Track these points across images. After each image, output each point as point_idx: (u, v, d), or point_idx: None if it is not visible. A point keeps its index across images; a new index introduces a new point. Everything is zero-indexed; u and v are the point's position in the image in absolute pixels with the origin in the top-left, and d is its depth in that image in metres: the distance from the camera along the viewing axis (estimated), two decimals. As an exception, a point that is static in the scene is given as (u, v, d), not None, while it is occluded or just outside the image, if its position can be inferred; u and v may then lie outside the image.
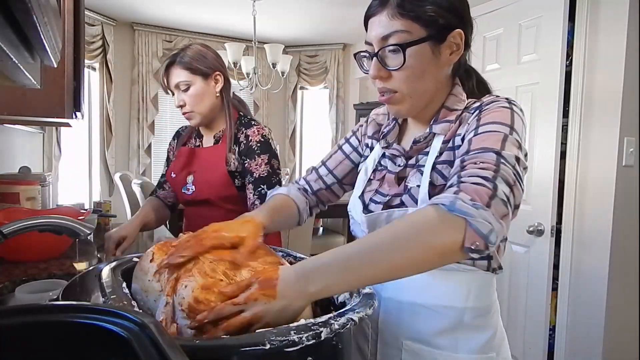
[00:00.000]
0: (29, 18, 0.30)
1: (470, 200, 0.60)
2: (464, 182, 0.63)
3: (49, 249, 1.29)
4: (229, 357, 0.52)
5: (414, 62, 0.75)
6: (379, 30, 0.76)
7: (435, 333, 0.81)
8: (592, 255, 2.08)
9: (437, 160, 0.79)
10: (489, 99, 0.79)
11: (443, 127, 0.80)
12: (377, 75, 0.78)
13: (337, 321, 0.57)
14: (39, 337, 0.49)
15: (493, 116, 0.73)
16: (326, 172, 1.01)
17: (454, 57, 0.79)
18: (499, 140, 0.68)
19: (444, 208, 0.60)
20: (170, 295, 0.63)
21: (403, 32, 0.74)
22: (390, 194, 0.84)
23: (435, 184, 0.78)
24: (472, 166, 0.65)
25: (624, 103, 1.96)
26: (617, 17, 1.97)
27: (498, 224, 0.60)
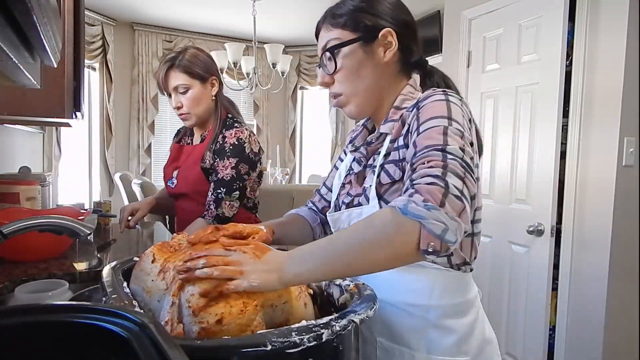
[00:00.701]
0: (29, 18, 0.30)
1: (422, 202, 0.61)
2: (417, 183, 0.64)
3: (49, 249, 1.29)
4: (229, 357, 0.52)
5: (347, 63, 0.83)
6: (320, 43, 0.87)
7: (405, 332, 0.82)
8: (592, 255, 2.08)
9: (385, 160, 0.83)
10: (425, 94, 0.81)
11: (389, 127, 0.84)
12: (322, 81, 0.87)
13: (338, 323, 0.57)
14: (39, 337, 0.49)
15: (430, 112, 0.75)
16: (326, 191, 1.07)
17: (388, 54, 0.84)
18: (440, 134, 0.70)
19: (399, 211, 0.62)
20: (177, 295, 0.63)
21: (334, 40, 0.84)
22: (353, 195, 0.90)
23: (382, 183, 0.81)
24: (421, 167, 0.67)
25: (624, 103, 1.96)
26: (617, 17, 1.97)
27: (453, 222, 0.61)
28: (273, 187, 3.31)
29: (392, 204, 0.64)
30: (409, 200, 0.61)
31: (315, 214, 1.07)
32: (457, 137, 0.70)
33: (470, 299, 0.85)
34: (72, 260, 1.29)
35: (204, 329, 0.59)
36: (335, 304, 0.75)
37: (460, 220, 0.61)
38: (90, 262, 1.31)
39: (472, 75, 2.55)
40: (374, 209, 0.80)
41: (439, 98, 0.77)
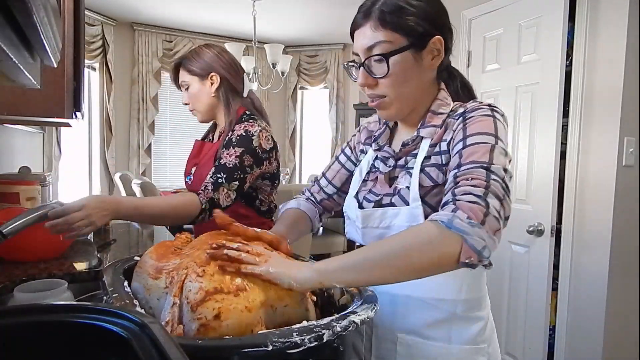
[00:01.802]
0: (29, 18, 0.30)
1: (467, 219, 0.66)
2: (459, 199, 0.69)
3: (49, 249, 1.29)
4: (230, 357, 0.52)
5: (397, 69, 0.81)
6: (364, 42, 0.83)
7: (429, 325, 0.85)
8: (592, 255, 2.08)
9: (424, 163, 0.84)
10: (471, 105, 0.84)
11: (429, 131, 0.86)
12: (365, 83, 0.85)
13: (339, 323, 0.57)
14: (39, 337, 0.49)
15: (478, 126, 0.78)
16: (326, 183, 1.08)
17: (435, 61, 0.84)
18: (486, 152, 0.74)
19: (443, 225, 0.67)
20: (178, 296, 0.63)
21: (386, 42, 0.80)
22: (382, 194, 0.90)
23: (423, 185, 0.83)
24: (465, 182, 0.71)
25: (624, 103, 1.96)
26: (617, 17, 1.97)
27: (491, 240, 0.67)
28: (273, 187, 3.30)
29: (435, 217, 0.68)
30: (454, 215, 0.66)
31: (314, 206, 1.09)
32: (501, 156, 0.74)
33: (485, 292, 0.93)
34: (72, 260, 1.29)
35: (203, 324, 0.59)
36: (336, 304, 0.75)
37: (496, 239, 0.67)
38: (90, 262, 1.31)
39: (472, 75, 2.55)
40: (415, 209, 0.82)
41: (486, 113, 0.80)
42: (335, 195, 1.08)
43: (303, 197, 1.11)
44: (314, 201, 1.10)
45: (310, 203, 1.09)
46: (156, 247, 0.78)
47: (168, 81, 5.03)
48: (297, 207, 1.06)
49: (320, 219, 1.11)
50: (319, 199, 1.09)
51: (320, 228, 4.24)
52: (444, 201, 0.72)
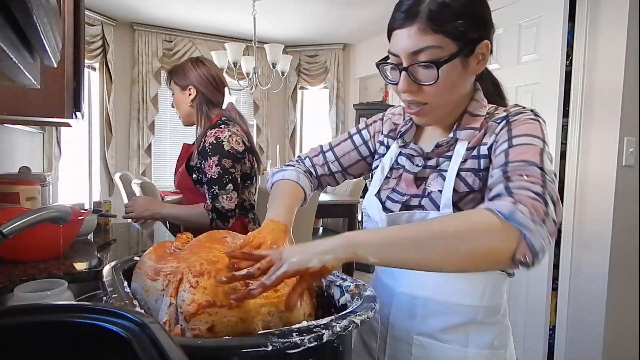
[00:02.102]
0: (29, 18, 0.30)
1: (529, 214, 0.61)
2: (517, 193, 0.63)
3: (49, 249, 1.29)
4: (230, 357, 0.52)
5: (446, 77, 0.74)
6: (408, 44, 0.73)
7: (447, 328, 0.82)
8: (592, 255, 2.08)
9: (461, 166, 0.79)
10: (515, 109, 0.80)
11: (467, 134, 0.80)
12: (408, 89, 0.77)
13: (339, 323, 0.57)
14: (39, 337, 0.49)
15: (525, 128, 0.74)
16: (333, 159, 1.01)
17: (480, 66, 0.79)
18: (537, 154, 0.69)
19: (501, 216, 0.61)
20: (174, 297, 0.63)
21: (435, 48, 0.72)
22: (409, 194, 0.84)
23: (458, 191, 0.78)
24: (519, 178, 0.66)
25: (624, 103, 1.96)
26: (617, 17, 1.97)
27: (549, 242, 0.61)
28: (273, 187, 3.31)
29: (492, 207, 0.63)
30: (515, 207, 0.61)
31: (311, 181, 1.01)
32: (549, 161, 0.70)
33: (505, 297, 0.89)
34: (72, 260, 1.29)
35: (197, 335, 0.59)
36: (335, 304, 0.75)
37: (552, 243, 0.62)
38: (90, 262, 1.31)
39: (472, 75, 2.55)
40: None
41: (532, 117, 0.76)
42: (338, 174, 1.02)
43: (302, 168, 1.02)
44: (314, 174, 1.02)
45: (308, 177, 1.01)
46: (155, 247, 0.78)
47: (168, 81, 5.03)
48: (297, 182, 0.97)
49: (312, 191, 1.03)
50: (319, 172, 1.02)
51: (320, 228, 4.24)
52: (495, 193, 0.67)
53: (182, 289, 0.63)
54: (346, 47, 5.34)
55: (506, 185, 0.66)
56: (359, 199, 4.05)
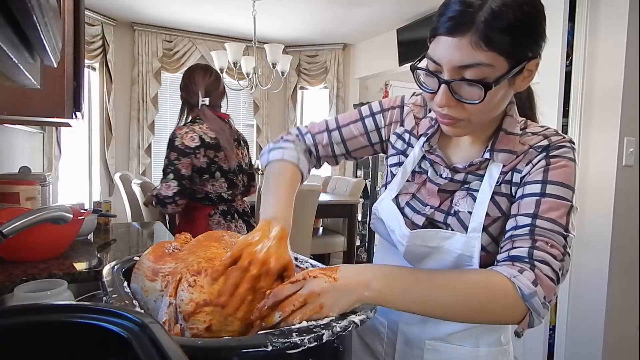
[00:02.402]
0: (29, 18, 0.30)
1: (544, 299, 0.67)
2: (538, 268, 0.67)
3: (49, 249, 1.29)
4: (230, 358, 0.52)
5: (491, 97, 0.67)
6: (456, 57, 0.64)
7: (459, 332, 0.83)
8: (592, 255, 2.08)
9: (495, 190, 0.76)
10: (555, 139, 0.75)
11: (504, 158, 0.75)
12: (447, 104, 0.69)
13: (339, 324, 0.57)
14: (39, 337, 0.49)
15: (561, 174, 0.72)
16: (339, 140, 0.92)
17: (525, 83, 0.71)
18: (565, 214, 0.70)
19: (520, 293, 0.66)
20: (173, 297, 0.63)
21: (486, 66, 0.64)
22: (432, 207, 0.81)
23: (490, 215, 0.75)
24: (544, 246, 0.69)
25: (624, 103, 1.96)
26: (617, 17, 1.97)
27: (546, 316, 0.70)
28: (273, 187, 3.30)
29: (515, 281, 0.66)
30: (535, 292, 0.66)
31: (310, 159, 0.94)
32: (574, 218, 0.72)
33: None
34: (72, 260, 1.29)
35: (195, 334, 0.59)
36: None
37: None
38: (90, 262, 1.31)
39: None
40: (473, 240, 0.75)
41: (570, 156, 0.73)
42: (341, 157, 0.94)
43: (301, 146, 0.93)
44: (314, 153, 0.94)
45: (307, 157, 0.93)
46: (154, 248, 0.78)
47: (168, 81, 5.03)
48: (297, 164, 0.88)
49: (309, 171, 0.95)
50: (321, 153, 0.93)
51: (320, 228, 4.24)
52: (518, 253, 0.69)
53: (180, 289, 0.63)
54: (346, 47, 5.33)
55: (530, 251, 0.69)
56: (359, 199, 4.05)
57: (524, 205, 0.72)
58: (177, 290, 0.63)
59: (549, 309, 0.68)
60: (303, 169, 0.89)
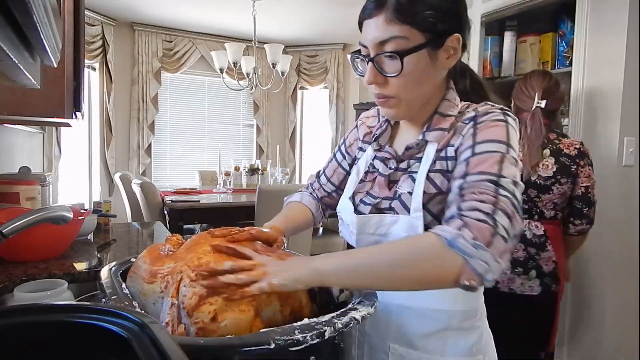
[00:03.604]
0: (29, 18, 0.30)
1: (472, 239, 0.62)
2: (466, 215, 0.64)
3: (49, 249, 1.29)
4: (233, 356, 0.52)
5: (411, 69, 0.73)
6: (376, 34, 0.73)
7: (423, 336, 0.82)
8: (592, 255, 2.08)
9: (430, 168, 0.78)
10: (483, 108, 0.78)
11: (436, 135, 0.79)
12: (374, 81, 0.76)
13: (341, 320, 0.57)
14: (39, 337, 0.49)
15: (489, 133, 0.73)
16: (325, 181, 1.05)
17: (451, 61, 0.77)
18: (495, 163, 0.69)
19: (445, 242, 0.63)
20: (175, 297, 0.63)
21: (401, 38, 0.71)
22: (380, 197, 0.84)
23: (427, 192, 0.77)
24: (472, 196, 0.66)
25: (624, 103, 1.96)
26: (617, 17, 1.97)
27: (495, 264, 0.62)
28: (273, 187, 3.31)
29: (439, 232, 0.64)
30: (458, 234, 0.62)
31: (317, 201, 1.06)
32: (512, 166, 0.69)
33: (482, 301, 0.88)
34: (72, 260, 1.29)
35: (201, 328, 0.59)
36: (335, 301, 0.75)
37: (502, 262, 0.63)
38: (90, 262, 1.31)
39: (472, 75, 2.55)
40: (416, 220, 0.76)
41: (499, 118, 0.74)
42: (334, 193, 1.04)
43: (307, 192, 1.08)
44: (316, 197, 1.07)
45: (313, 198, 1.06)
46: (149, 250, 0.78)
47: (168, 81, 5.03)
48: (300, 201, 1.04)
49: (324, 214, 1.07)
50: (319, 195, 1.06)
51: (320, 228, 4.24)
52: (449, 214, 0.68)
53: (182, 285, 0.63)
54: (346, 47, 5.33)
55: (459, 205, 0.67)
56: (359, 199, 4.05)
57: (456, 173, 0.73)
58: (178, 289, 0.63)
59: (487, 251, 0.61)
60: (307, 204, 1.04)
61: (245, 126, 5.49)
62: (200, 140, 5.24)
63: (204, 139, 5.26)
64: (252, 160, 4.44)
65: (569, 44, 2.25)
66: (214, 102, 5.28)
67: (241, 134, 5.51)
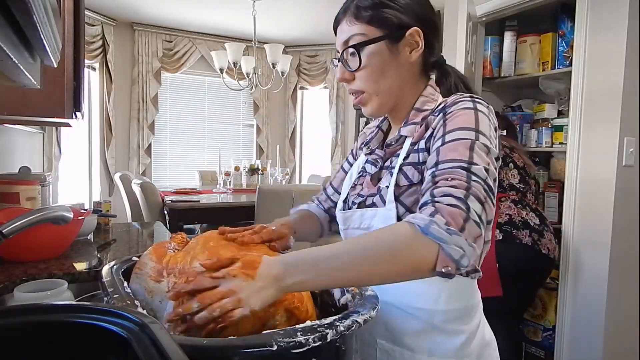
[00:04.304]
0: (29, 18, 0.30)
1: (444, 225, 0.61)
2: (438, 201, 0.64)
3: (49, 249, 1.29)
4: (234, 357, 0.51)
5: (372, 61, 0.80)
6: (341, 37, 0.82)
7: (409, 334, 0.82)
8: (592, 255, 2.08)
9: (403, 161, 0.81)
10: (452, 98, 0.79)
11: (410, 129, 0.82)
12: (342, 77, 0.84)
13: (343, 323, 0.57)
14: (39, 337, 0.49)
15: (457, 121, 0.73)
16: (332, 192, 1.06)
17: (414, 54, 0.82)
18: (466, 150, 0.69)
19: (419, 229, 0.62)
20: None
21: (359, 35, 0.80)
22: (365, 194, 0.88)
23: (399, 185, 0.79)
24: (444, 183, 0.66)
25: (624, 103, 1.96)
26: (617, 17, 1.96)
27: (470, 248, 0.61)
28: (273, 187, 3.31)
29: (411, 219, 0.63)
30: (431, 220, 0.61)
31: (324, 212, 1.07)
32: (483, 153, 0.69)
33: (474, 303, 0.87)
34: (72, 260, 1.29)
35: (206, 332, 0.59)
36: (336, 304, 0.75)
37: (476, 246, 0.62)
38: (90, 262, 1.31)
39: (472, 75, 2.55)
40: (389, 211, 0.78)
41: (467, 106, 0.75)
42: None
43: (314, 204, 1.09)
44: (323, 209, 1.08)
45: (320, 209, 1.08)
46: (155, 248, 0.78)
47: (168, 81, 5.03)
48: (308, 209, 1.06)
49: (330, 227, 1.07)
50: (326, 207, 1.07)
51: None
52: (422, 202, 0.67)
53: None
54: (346, 47, 5.33)
55: (431, 192, 0.66)
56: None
57: (428, 163, 0.73)
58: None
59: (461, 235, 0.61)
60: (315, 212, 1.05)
61: (245, 126, 5.49)
62: (200, 140, 5.24)
63: (204, 139, 5.26)
64: (252, 160, 4.43)
65: (569, 44, 2.25)
66: (214, 102, 5.28)
67: (241, 134, 5.51)
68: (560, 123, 2.38)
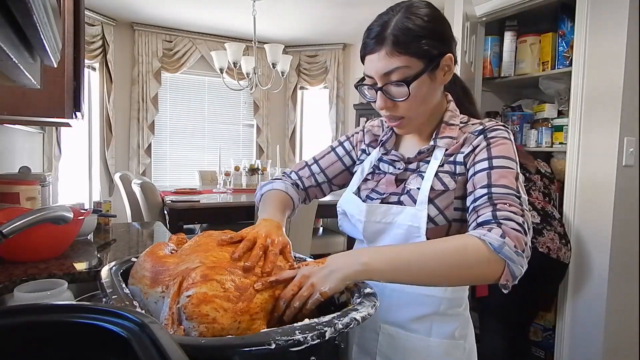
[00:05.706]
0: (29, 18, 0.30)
1: (514, 247, 0.73)
2: (504, 224, 0.75)
3: (49, 249, 1.29)
4: (233, 356, 0.51)
5: (416, 92, 0.84)
6: (380, 67, 0.83)
7: (413, 319, 0.90)
8: (592, 255, 2.08)
9: (439, 168, 0.89)
10: (489, 124, 0.89)
11: (446, 142, 0.90)
12: (385, 106, 0.87)
13: (341, 321, 0.57)
14: (39, 337, 0.49)
15: (502, 150, 0.84)
16: (318, 170, 1.08)
17: (447, 77, 0.88)
18: (514, 180, 0.81)
19: (492, 248, 0.72)
20: (176, 297, 0.63)
21: (404, 68, 0.82)
22: (388, 192, 0.93)
23: (434, 189, 0.87)
24: (504, 207, 0.77)
25: (624, 103, 1.96)
26: (617, 17, 1.97)
27: (525, 267, 0.75)
28: (273, 187, 3.31)
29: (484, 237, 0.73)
30: (504, 242, 0.72)
31: (298, 192, 1.06)
32: (522, 184, 0.82)
33: (467, 291, 0.98)
34: (72, 260, 1.29)
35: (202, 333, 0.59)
36: (335, 302, 0.75)
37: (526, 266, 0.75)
38: (90, 262, 1.31)
39: (472, 75, 2.55)
40: (420, 212, 0.86)
41: (505, 136, 0.86)
42: (324, 185, 1.08)
43: (289, 180, 1.08)
44: (300, 186, 1.07)
45: (295, 188, 1.06)
46: (152, 249, 0.78)
47: (168, 81, 5.03)
48: (285, 191, 1.02)
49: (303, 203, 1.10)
50: (307, 184, 1.07)
51: (320, 228, 4.24)
52: (483, 219, 0.77)
53: (185, 286, 0.63)
54: (346, 47, 5.33)
55: (494, 213, 0.77)
56: (359, 199, 4.04)
57: (478, 180, 0.83)
58: (180, 290, 0.63)
59: (523, 257, 0.73)
60: (292, 195, 1.03)
61: (245, 126, 5.49)
62: (200, 140, 5.24)
63: (204, 139, 5.26)
64: (252, 160, 4.43)
65: (569, 44, 2.25)
66: (214, 102, 5.28)
67: (241, 134, 5.51)
68: (560, 123, 2.38)
